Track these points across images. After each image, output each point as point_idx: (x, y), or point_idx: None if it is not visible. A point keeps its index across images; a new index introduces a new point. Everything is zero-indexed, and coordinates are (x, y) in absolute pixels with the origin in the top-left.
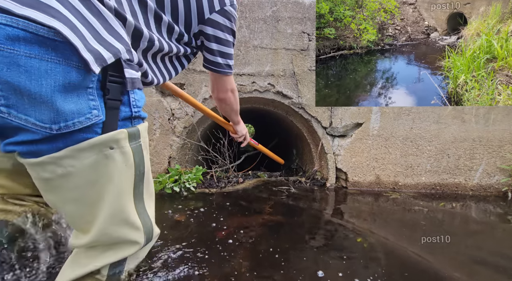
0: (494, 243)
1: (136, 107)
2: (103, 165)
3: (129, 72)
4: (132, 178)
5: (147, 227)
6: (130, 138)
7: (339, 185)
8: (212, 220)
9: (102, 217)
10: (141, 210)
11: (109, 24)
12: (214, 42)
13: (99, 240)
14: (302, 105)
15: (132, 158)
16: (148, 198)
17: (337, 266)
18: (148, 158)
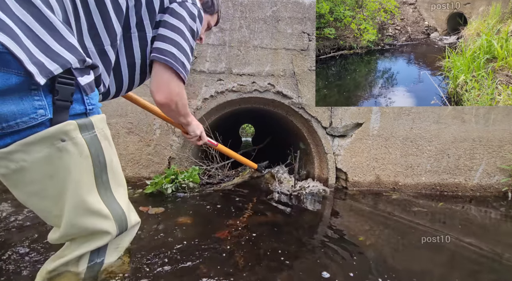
0: (494, 243)
1: (90, 105)
2: (58, 158)
3: (82, 80)
4: (91, 169)
5: (117, 216)
6: (81, 129)
7: (339, 185)
8: (207, 218)
9: (67, 210)
10: (108, 199)
11: (60, 35)
12: (170, 30)
13: (70, 233)
14: (302, 105)
15: (87, 149)
16: (117, 187)
17: (341, 266)
18: (112, 148)
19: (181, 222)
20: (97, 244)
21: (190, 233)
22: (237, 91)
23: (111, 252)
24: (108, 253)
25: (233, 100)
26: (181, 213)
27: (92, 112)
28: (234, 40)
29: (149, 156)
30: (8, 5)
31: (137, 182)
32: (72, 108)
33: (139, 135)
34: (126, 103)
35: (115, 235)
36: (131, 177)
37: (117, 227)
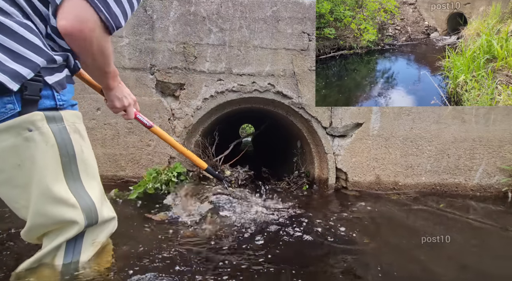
0: (494, 243)
1: (61, 101)
2: (25, 148)
3: (51, 78)
4: (58, 158)
5: (86, 206)
6: (48, 120)
7: (339, 185)
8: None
9: (34, 198)
10: (77, 190)
11: (24, 38)
12: None
13: (37, 223)
14: (302, 105)
15: (53, 138)
16: (88, 179)
17: (340, 266)
18: (84, 141)
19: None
20: (67, 235)
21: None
22: (237, 91)
23: (87, 247)
24: (84, 248)
25: (233, 100)
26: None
27: (63, 107)
28: (234, 40)
29: (149, 156)
30: None
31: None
32: (42, 103)
33: (139, 135)
34: None
35: (83, 225)
36: (131, 177)
37: (84, 217)
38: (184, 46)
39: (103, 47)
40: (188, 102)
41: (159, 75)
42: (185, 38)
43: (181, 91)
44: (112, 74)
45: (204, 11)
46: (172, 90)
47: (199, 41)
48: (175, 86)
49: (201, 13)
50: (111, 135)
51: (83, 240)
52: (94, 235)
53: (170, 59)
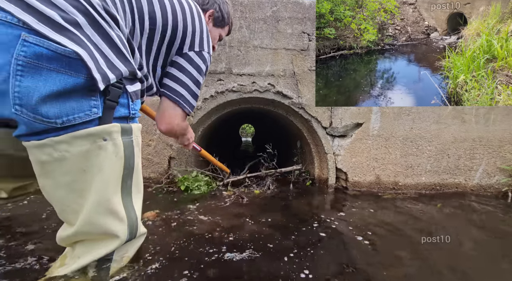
0: (494, 243)
1: (133, 110)
2: (95, 155)
3: (130, 87)
4: (121, 170)
5: (131, 221)
6: (122, 132)
7: (339, 185)
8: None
9: (88, 206)
10: (127, 204)
11: (119, 50)
12: (181, 73)
13: (84, 231)
14: (302, 105)
15: (123, 151)
16: (136, 194)
17: (339, 267)
18: (139, 156)
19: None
20: (107, 249)
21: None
22: (237, 91)
23: (116, 261)
24: (113, 262)
25: (233, 100)
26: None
27: (134, 117)
28: (234, 40)
29: (149, 156)
30: (82, 27)
31: None
32: (118, 110)
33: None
34: None
35: (124, 240)
36: None
37: (128, 233)
38: None
39: (184, 126)
40: None
41: None
42: None
43: None
44: (184, 133)
45: None
46: None
47: None
48: None
49: None
50: None
51: (113, 255)
52: (125, 249)
53: None
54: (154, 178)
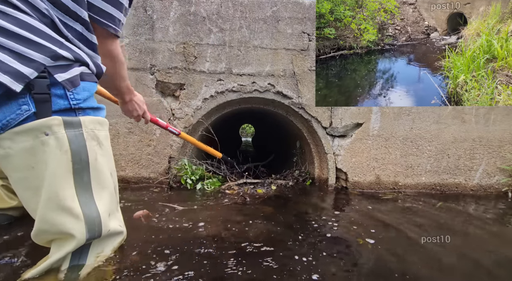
0: (494, 243)
1: (75, 100)
2: (41, 152)
3: (61, 76)
4: (69, 165)
5: (90, 218)
6: (66, 125)
7: (339, 185)
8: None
9: (41, 203)
10: (85, 200)
11: (25, 38)
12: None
13: (42, 229)
14: (302, 105)
15: (68, 144)
16: (99, 190)
17: (339, 267)
18: (102, 150)
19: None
20: (64, 250)
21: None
22: (237, 91)
23: (91, 260)
24: (88, 260)
25: (233, 100)
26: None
27: (79, 108)
28: (234, 40)
29: (149, 156)
30: None
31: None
32: (56, 103)
33: (139, 135)
34: None
35: (83, 239)
36: (131, 177)
37: (86, 230)
38: (184, 46)
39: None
40: (188, 102)
41: (159, 75)
42: (185, 38)
43: (181, 91)
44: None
45: (204, 11)
46: (172, 90)
47: (199, 41)
48: (175, 86)
49: (201, 13)
50: (111, 135)
51: (88, 252)
52: (99, 248)
53: (170, 59)
54: (154, 178)
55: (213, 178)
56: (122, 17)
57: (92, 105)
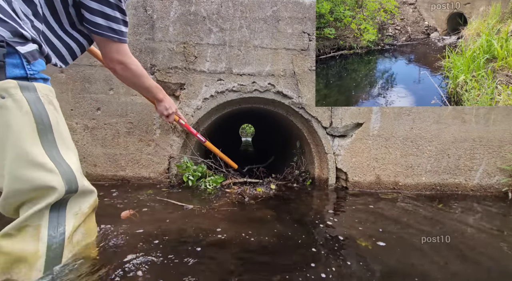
0: (494, 244)
1: (31, 70)
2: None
3: (22, 48)
4: (33, 125)
5: (65, 173)
6: (22, 88)
7: (339, 185)
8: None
9: (8, 164)
10: (54, 157)
11: None
12: (93, 1)
13: (14, 188)
14: (302, 105)
15: (28, 106)
16: (65, 149)
17: (339, 268)
18: (59, 114)
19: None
20: (48, 200)
21: None
22: (237, 91)
23: (70, 217)
24: (67, 218)
25: (233, 100)
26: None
27: (34, 78)
28: (234, 40)
29: (149, 156)
30: None
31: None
32: (11, 71)
33: (139, 135)
34: (126, 103)
35: (63, 190)
36: (131, 177)
37: (64, 183)
38: (184, 46)
39: (132, 68)
40: (188, 102)
41: (159, 75)
42: (185, 38)
43: (181, 91)
44: (149, 89)
45: (204, 11)
46: (172, 90)
47: (199, 41)
48: (175, 86)
49: (201, 13)
50: (111, 135)
51: (66, 209)
52: (77, 205)
53: (170, 59)
54: (154, 178)
55: (215, 175)
56: (118, 19)
57: (44, 76)
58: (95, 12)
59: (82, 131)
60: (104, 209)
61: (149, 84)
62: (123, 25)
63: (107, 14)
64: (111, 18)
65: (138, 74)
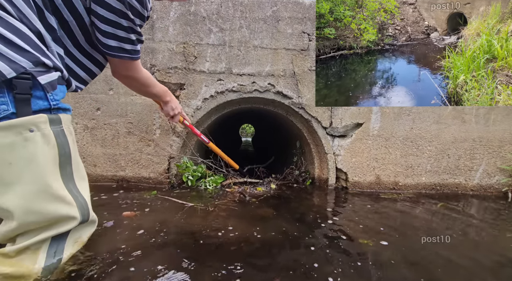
0: (494, 244)
1: (54, 101)
2: (21, 147)
3: (42, 78)
4: (57, 158)
5: (80, 204)
6: (51, 122)
7: (339, 185)
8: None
9: (21, 197)
10: (72, 189)
11: (10, 41)
12: (104, 23)
13: (27, 221)
14: (302, 105)
15: (54, 140)
16: (79, 181)
17: (339, 268)
18: (75, 145)
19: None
20: (60, 229)
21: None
22: (237, 91)
23: (69, 245)
24: (66, 246)
25: (233, 100)
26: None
27: (58, 108)
28: (234, 40)
29: (149, 156)
30: None
31: (138, 183)
32: (36, 103)
33: (139, 135)
34: (126, 103)
35: (79, 220)
36: (131, 177)
37: (80, 214)
38: (184, 46)
39: (139, 81)
40: (188, 102)
41: (159, 75)
42: (185, 38)
43: (181, 91)
44: (156, 93)
45: (204, 11)
46: (172, 90)
47: (199, 41)
48: (175, 86)
49: (201, 13)
50: (111, 135)
51: (67, 238)
52: (78, 234)
53: (170, 59)
54: (154, 178)
55: (215, 175)
56: (132, 40)
57: (65, 106)
58: (108, 35)
59: (82, 131)
60: (105, 209)
61: (156, 91)
62: (138, 44)
63: (121, 36)
64: (124, 40)
65: (146, 85)
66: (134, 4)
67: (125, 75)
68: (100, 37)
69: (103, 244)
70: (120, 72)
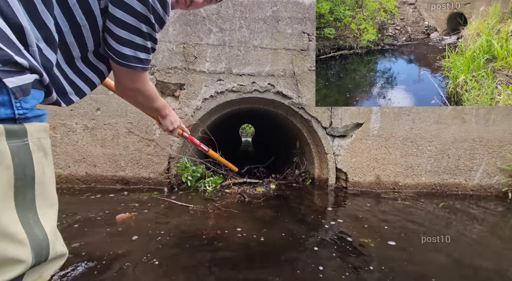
0: (494, 244)
1: (21, 109)
2: None
3: (11, 80)
4: (11, 181)
5: (36, 242)
6: (8, 135)
7: (339, 185)
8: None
9: None
10: (29, 220)
11: None
12: (120, 28)
13: None
14: (302, 105)
15: (10, 158)
16: (44, 208)
17: (339, 268)
18: (47, 160)
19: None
20: (6, 276)
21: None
22: (237, 91)
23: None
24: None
25: (233, 100)
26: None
27: (25, 117)
28: (234, 40)
29: (149, 156)
30: None
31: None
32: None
33: (139, 135)
34: (126, 103)
35: (29, 265)
36: (131, 177)
37: (33, 256)
38: (184, 46)
39: (146, 95)
40: (188, 102)
41: (159, 75)
42: (185, 38)
43: (181, 91)
44: (157, 109)
45: (204, 11)
46: (172, 90)
47: (199, 41)
48: (175, 86)
49: (201, 13)
50: (111, 135)
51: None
52: (37, 273)
53: (170, 59)
54: (154, 178)
55: (214, 176)
56: (147, 49)
57: (38, 113)
58: (123, 42)
59: (82, 131)
60: (106, 210)
61: (157, 105)
62: (151, 52)
63: (137, 44)
64: (140, 48)
65: (152, 99)
66: (157, 8)
67: (131, 88)
68: (113, 44)
69: (103, 244)
70: (126, 85)
